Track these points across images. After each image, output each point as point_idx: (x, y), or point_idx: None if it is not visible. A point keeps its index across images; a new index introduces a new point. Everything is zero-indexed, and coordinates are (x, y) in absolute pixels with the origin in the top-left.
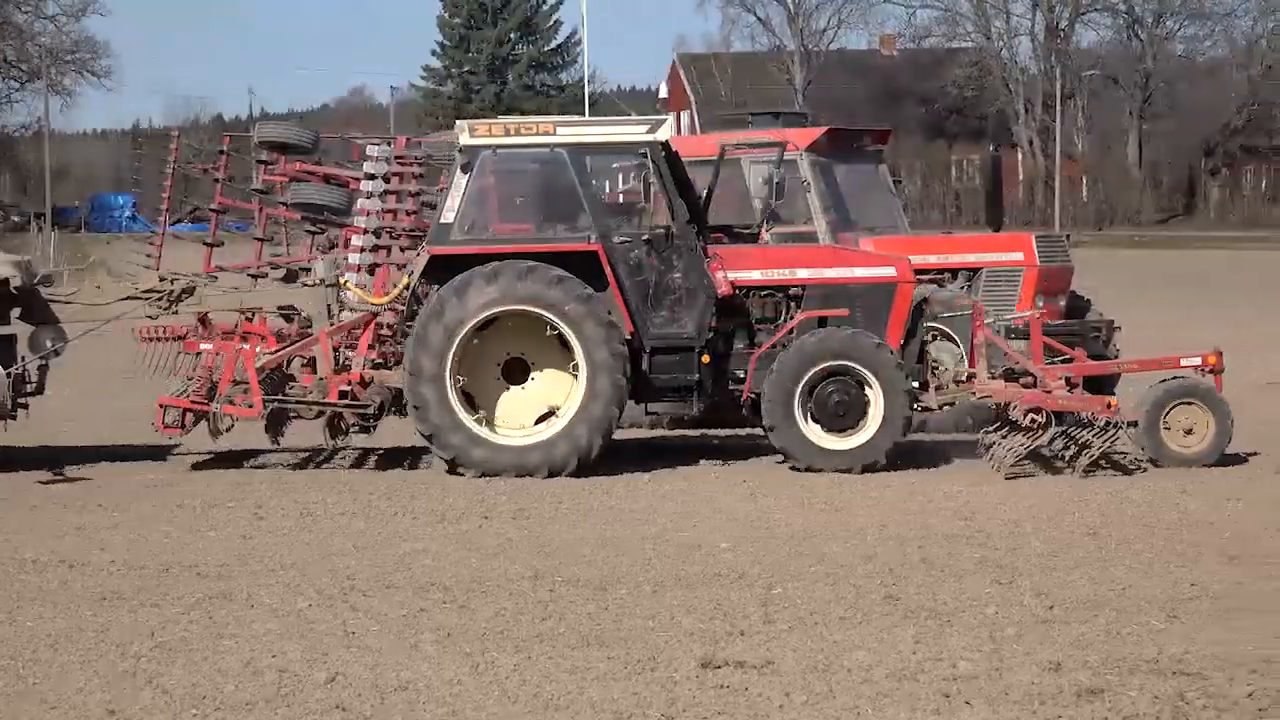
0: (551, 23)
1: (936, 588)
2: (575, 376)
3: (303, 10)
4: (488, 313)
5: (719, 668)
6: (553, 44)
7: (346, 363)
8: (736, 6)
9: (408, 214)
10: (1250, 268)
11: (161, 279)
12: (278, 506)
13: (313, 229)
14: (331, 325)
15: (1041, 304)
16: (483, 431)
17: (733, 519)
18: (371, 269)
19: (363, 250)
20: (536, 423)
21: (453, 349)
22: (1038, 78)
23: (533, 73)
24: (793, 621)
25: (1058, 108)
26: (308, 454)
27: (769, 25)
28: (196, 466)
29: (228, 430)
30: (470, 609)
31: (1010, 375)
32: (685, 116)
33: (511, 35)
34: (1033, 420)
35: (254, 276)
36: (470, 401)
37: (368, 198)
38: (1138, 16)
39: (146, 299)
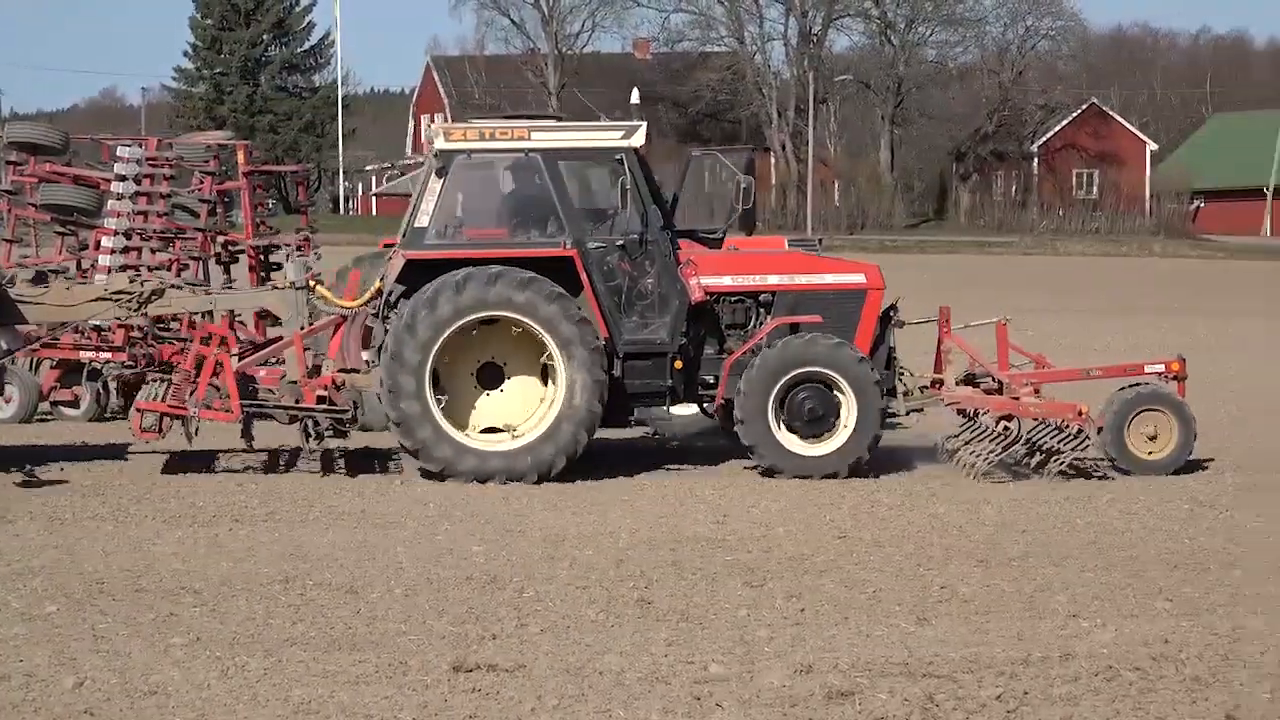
0: (304, 24)
1: (688, 591)
2: (552, 378)
3: (52, 9)
4: (461, 321)
5: (471, 671)
6: (305, 46)
7: (315, 365)
8: (491, 9)
9: (159, 215)
10: (990, 269)
11: (130, 280)
12: (24, 511)
13: (63, 230)
14: (304, 327)
15: None
16: (468, 440)
17: (486, 522)
18: (124, 269)
19: (113, 252)
20: (518, 426)
21: (429, 361)
22: (791, 82)
23: (285, 74)
24: (545, 625)
25: (810, 112)
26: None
27: (523, 28)
28: None
29: (196, 434)
30: (220, 613)
31: (970, 380)
32: (439, 119)
33: (264, 37)
34: (1006, 428)
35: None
36: (447, 407)
37: (118, 199)
38: (890, 22)
39: (116, 300)
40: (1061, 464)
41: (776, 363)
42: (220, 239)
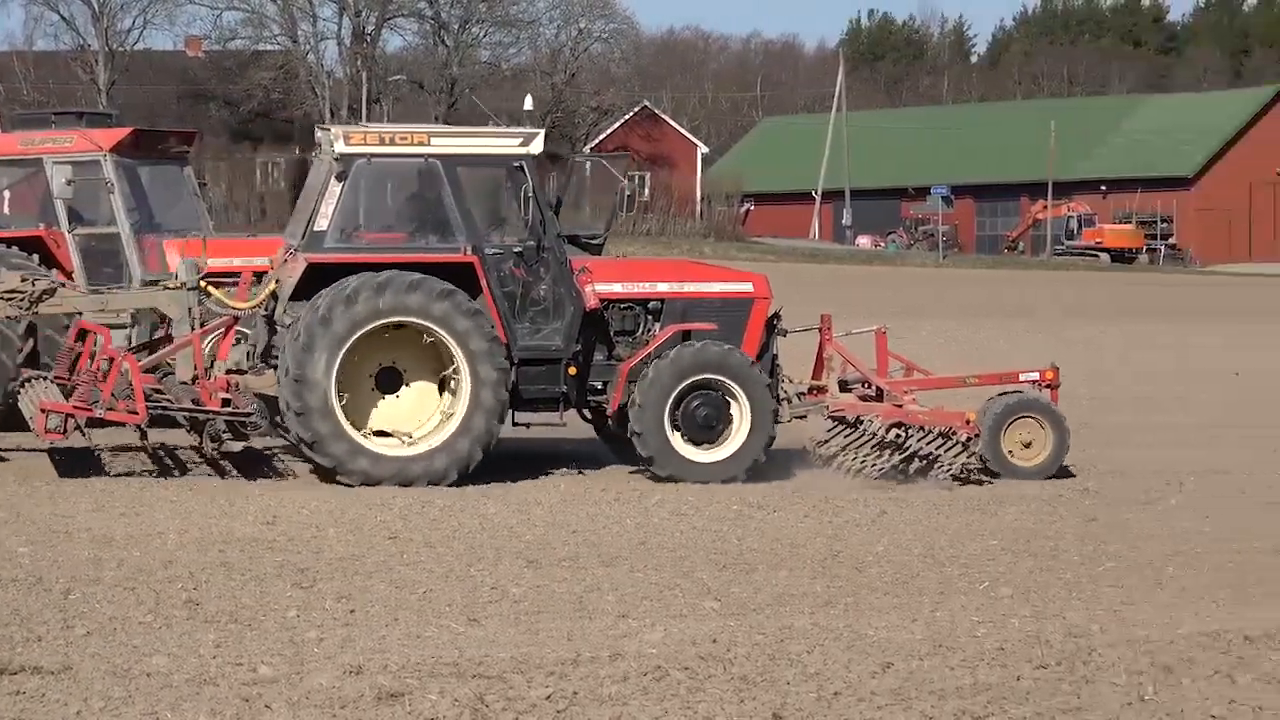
0: None
1: (238, 592)
2: (455, 388)
3: None
4: (376, 323)
5: (15, 674)
6: None
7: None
8: (40, 4)
9: None
10: None
11: (23, 279)
12: None
13: None
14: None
15: None
16: (365, 441)
17: (31, 522)
18: None
19: None
20: (412, 430)
21: (339, 357)
22: (344, 82)
23: None
24: (92, 626)
25: (364, 112)
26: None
27: (73, 24)
28: None
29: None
30: None
31: (844, 387)
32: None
33: None
34: (898, 435)
35: None
36: (344, 406)
37: None
38: (444, 22)
39: (9, 299)
40: (947, 471)
41: (671, 371)
42: None
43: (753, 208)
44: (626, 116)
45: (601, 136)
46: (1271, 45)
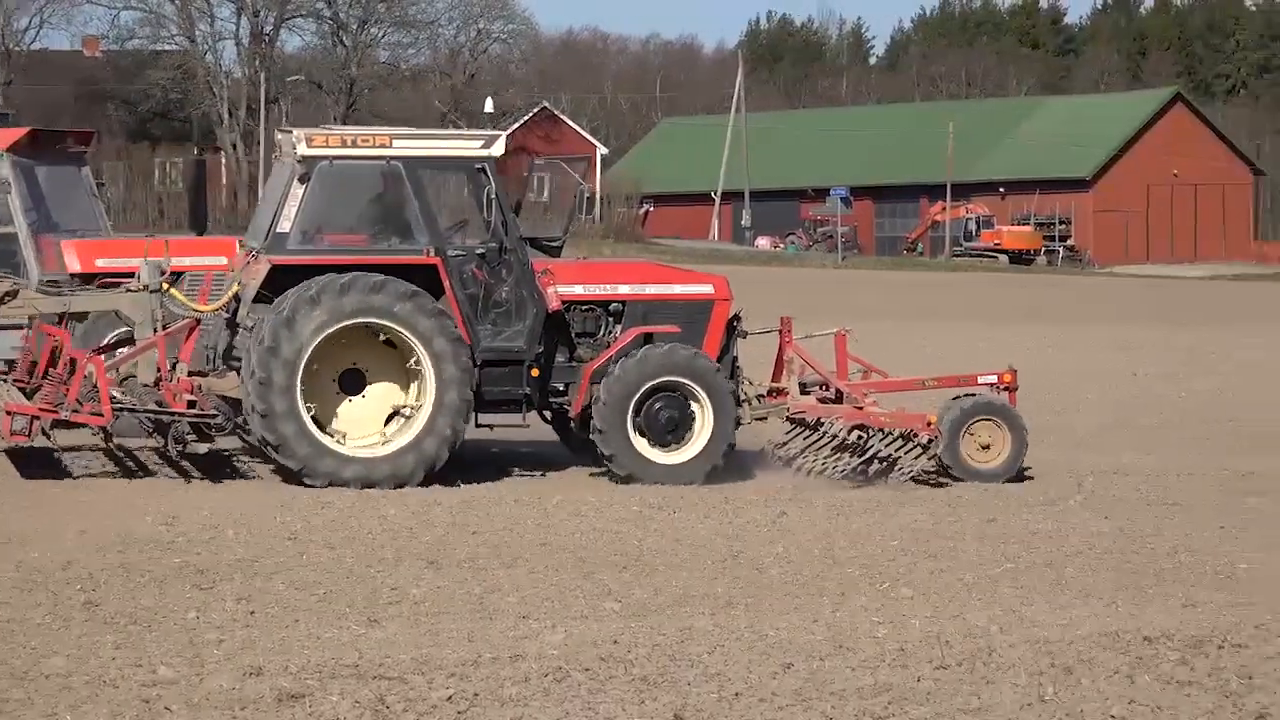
0: None
1: (137, 593)
2: (419, 389)
3: None
4: (340, 324)
5: None
6: None
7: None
8: None
9: None
10: None
11: None
12: None
13: None
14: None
15: None
16: (330, 442)
17: None
18: None
19: None
20: (377, 431)
21: (304, 359)
22: (243, 82)
23: None
24: None
25: (262, 112)
26: None
27: None
28: None
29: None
30: None
31: (803, 389)
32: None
33: None
34: (860, 437)
35: None
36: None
37: None
38: (343, 23)
39: None
40: (910, 474)
41: (637, 373)
42: None
43: (652, 209)
44: (526, 118)
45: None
46: (1168, 47)
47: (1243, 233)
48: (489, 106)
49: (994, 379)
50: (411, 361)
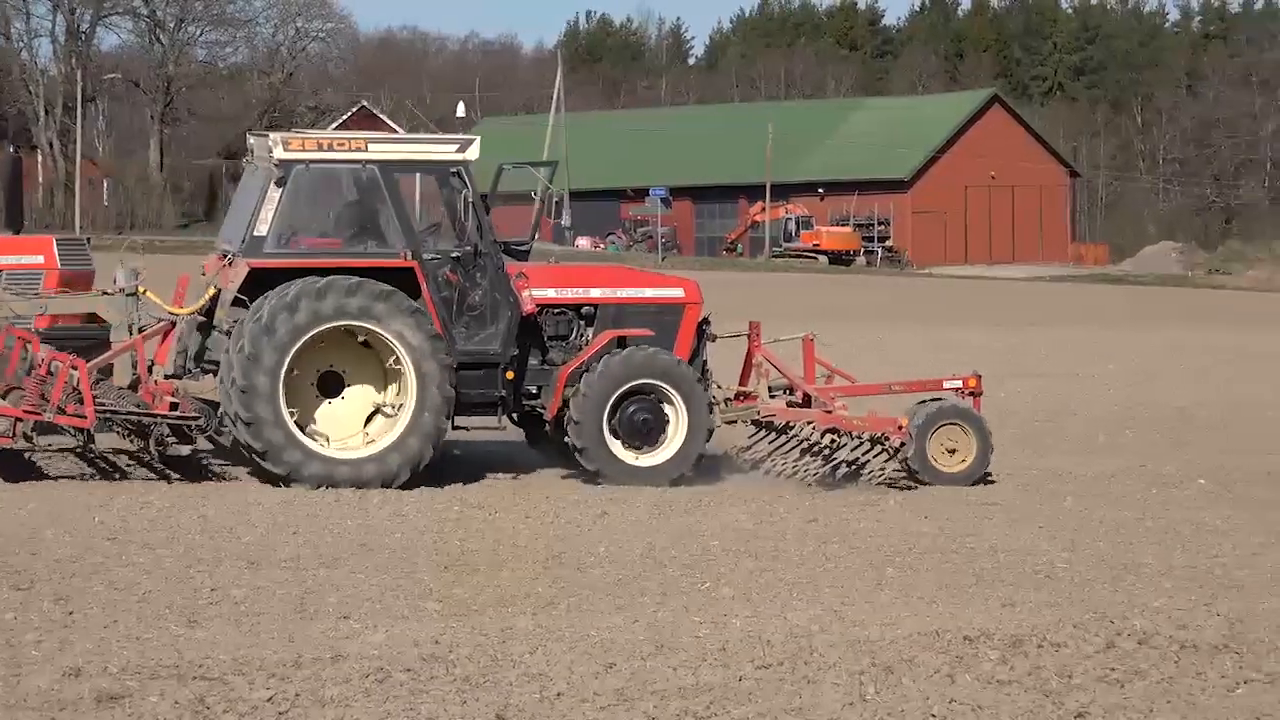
0: None
1: None
2: (400, 387)
3: None
4: (320, 328)
5: None
6: None
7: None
8: None
9: None
10: None
11: None
12: None
13: None
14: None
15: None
16: (316, 446)
17: None
18: None
19: None
20: (359, 432)
21: (285, 365)
22: (59, 80)
23: None
24: None
25: (79, 110)
26: None
27: None
28: None
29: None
30: None
31: (771, 393)
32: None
33: None
34: (833, 440)
35: None
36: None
37: None
38: (160, 21)
39: None
40: (879, 479)
41: (616, 374)
42: None
43: None
44: (345, 117)
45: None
46: (986, 49)
47: (1060, 234)
48: (460, 111)
49: (959, 384)
50: (390, 361)
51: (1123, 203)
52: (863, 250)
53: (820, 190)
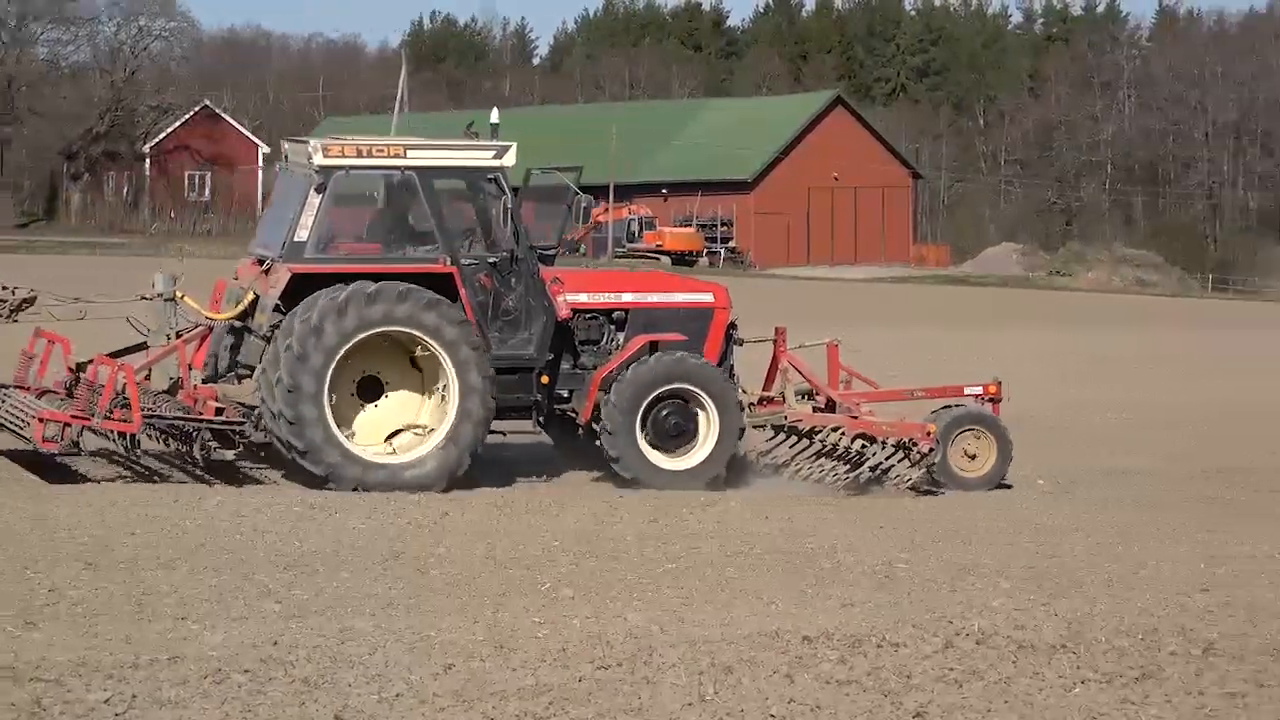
0: None
1: None
2: (442, 396)
3: None
4: (368, 332)
5: None
6: None
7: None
8: None
9: None
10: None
11: (3, 287)
12: None
13: None
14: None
15: None
16: (356, 449)
17: None
18: None
19: None
20: (389, 439)
21: (331, 367)
22: None
23: None
24: None
25: None
26: None
27: None
28: None
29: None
30: None
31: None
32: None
33: None
34: (863, 446)
35: None
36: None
37: None
38: (0, 19)
39: None
40: (909, 483)
41: (649, 378)
42: None
43: None
44: (187, 116)
45: (162, 135)
46: (829, 51)
47: (902, 235)
48: (494, 117)
49: (979, 390)
50: (435, 370)
51: (965, 204)
52: (706, 251)
53: (664, 191)
